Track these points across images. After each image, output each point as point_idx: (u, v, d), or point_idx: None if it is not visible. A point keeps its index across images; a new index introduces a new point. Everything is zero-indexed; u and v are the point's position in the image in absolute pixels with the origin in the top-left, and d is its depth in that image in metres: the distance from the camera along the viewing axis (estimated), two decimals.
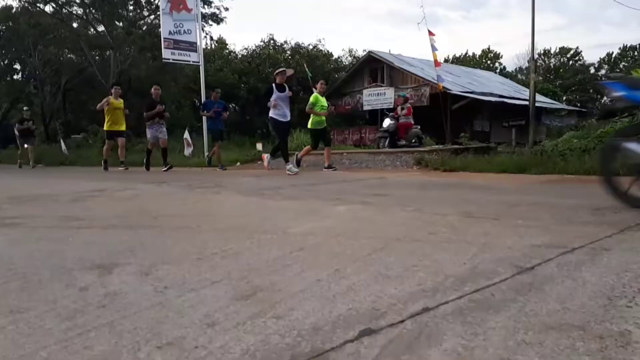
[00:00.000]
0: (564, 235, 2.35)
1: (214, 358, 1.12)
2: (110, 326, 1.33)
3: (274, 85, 8.35)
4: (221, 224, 2.92)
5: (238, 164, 11.52)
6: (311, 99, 8.86)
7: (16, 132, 14.81)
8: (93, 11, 18.59)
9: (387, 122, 13.85)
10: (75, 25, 19.34)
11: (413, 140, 13.48)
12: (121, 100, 11.09)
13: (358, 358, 1.11)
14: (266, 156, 9.37)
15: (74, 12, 19.20)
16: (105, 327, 1.32)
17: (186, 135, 14.06)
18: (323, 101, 8.96)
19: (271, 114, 8.33)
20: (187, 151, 13.51)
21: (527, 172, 6.19)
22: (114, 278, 1.80)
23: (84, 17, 19.04)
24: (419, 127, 14.10)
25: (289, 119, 8.44)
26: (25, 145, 14.21)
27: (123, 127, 11.08)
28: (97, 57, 20.19)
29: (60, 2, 18.80)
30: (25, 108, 15.30)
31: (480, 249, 2.11)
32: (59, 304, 1.52)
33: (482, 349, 1.14)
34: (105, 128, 10.92)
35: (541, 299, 1.47)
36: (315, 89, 9.08)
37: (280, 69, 8.58)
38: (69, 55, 21.55)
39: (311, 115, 8.83)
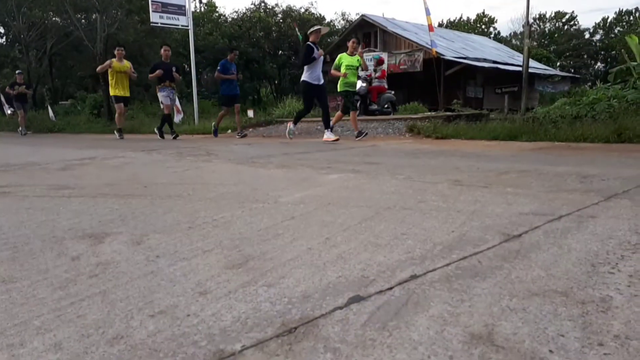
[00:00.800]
0: (551, 203, 2.38)
1: (205, 326, 1.14)
2: (103, 295, 1.34)
3: (310, 44, 7.59)
4: (212, 193, 2.93)
5: (229, 131, 11.44)
6: (336, 59, 8.10)
7: (1, 98, 14.53)
8: None
9: (358, 85, 13.17)
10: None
11: (385, 106, 12.94)
12: (126, 63, 10.27)
13: (346, 324, 1.14)
14: (290, 125, 8.45)
15: None
16: (98, 296, 1.34)
17: (176, 101, 13.87)
18: (352, 61, 7.98)
19: (304, 77, 7.67)
20: (177, 118, 13.36)
21: (519, 140, 6.22)
22: (106, 247, 1.81)
23: None
24: (392, 92, 13.64)
25: (322, 82, 7.79)
26: (16, 111, 13.95)
27: (127, 93, 10.38)
28: (83, 21, 19.66)
29: None
30: (18, 71, 14.55)
31: (468, 217, 2.13)
32: (51, 274, 1.53)
33: (467, 315, 1.17)
34: (111, 93, 10.28)
35: (527, 266, 1.50)
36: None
37: (315, 27, 7.85)
38: (54, 19, 20.96)
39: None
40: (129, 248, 1.80)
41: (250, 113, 13.76)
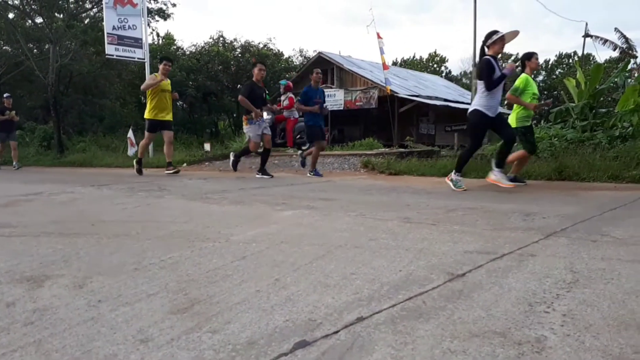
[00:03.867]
0: (495, 241, 2.47)
1: None
2: (38, 345, 1.29)
3: (490, 59, 5.08)
4: (162, 231, 2.87)
5: (185, 165, 11.30)
6: (517, 81, 5.86)
7: None
8: (31, 2, 17.67)
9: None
10: (11, 15, 18.30)
11: (298, 137, 11.42)
12: (169, 81, 8.24)
13: None
14: (454, 176, 5.31)
15: (10, 2, 18.17)
16: (32, 346, 1.28)
17: (130, 134, 13.62)
18: (534, 87, 5.84)
19: (478, 104, 5.19)
20: (131, 151, 13.09)
21: (467, 177, 6.44)
22: (45, 291, 1.74)
23: (21, 7, 18.06)
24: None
25: (499, 110, 5.37)
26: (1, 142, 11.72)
27: (170, 116, 8.23)
28: (35, 50, 19.20)
29: None
30: (6, 95, 12.30)
31: (416, 256, 2.19)
32: None
33: (409, 358, 1.20)
34: (147, 116, 8.07)
35: (469, 306, 1.55)
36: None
37: (499, 35, 5.06)
38: (4, 47, 20.39)
39: (515, 105, 5.88)
40: (69, 292, 1.74)
41: (207, 146, 13.64)
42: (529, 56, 5.85)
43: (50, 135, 16.56)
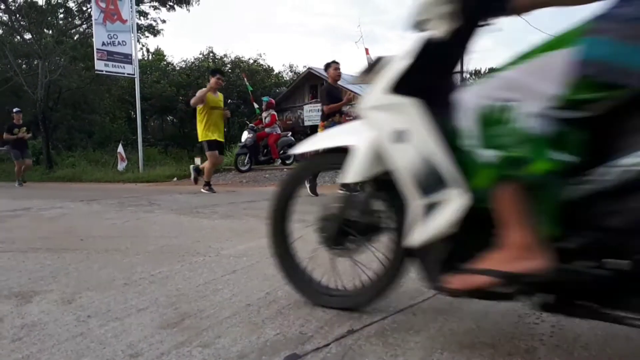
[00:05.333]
0: None
1: None
2: None
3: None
4: (152, 246, 2.86)
5: (175, 179, 11.26)
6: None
7: None
8: (20, 18, 17.67)
9: (245, 136, 11.30)
10: None
11: (281, 152, 11.29)
12: (221, 96, 7.17)
13: None
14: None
15: None
16: None
17: (120, 149, 13.57)
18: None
19: None
20: (121, 166, 13.03)
21: None
22: (33, 307, 1.73)
23: (9, 23, 18.04)
24: (289, 133, 11.98)
25: None
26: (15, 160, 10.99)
27: (222, 136, 7.20)
28: (24, 66, 19.14)
29: None
30: (15, 110, 11.48)
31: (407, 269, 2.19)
32: None
33: None
34: (202, 138, 6.97)
35: (459, 318, 1.55)
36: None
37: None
38: None
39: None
40: (58, 307, 1.72)
41: (197, 161, 13.61)
42: (328, 65, 6.41)
43: (39, 150, 16.44)
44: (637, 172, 1.00)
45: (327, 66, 6.44)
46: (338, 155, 1.57)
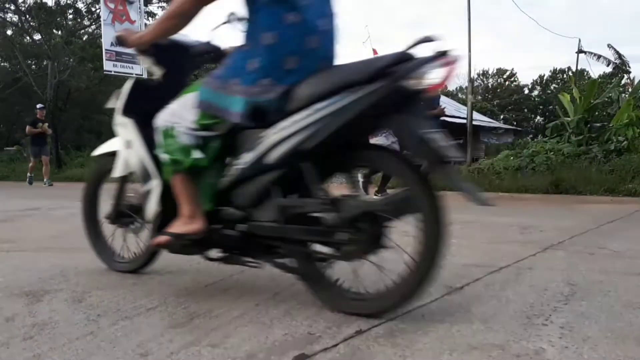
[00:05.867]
0: (493, 254, 2.48)
1: None
2: (37, 359, 1.29)
3: None
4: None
5: None
6: None
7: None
8: (29, 19, 17.82)
9: None
10: (9, 32, 18.45)
11: None
12: None
13: None
14: None
15: (9, 19, 18.34)
16: None
17: None
18: None
19: None
20: None
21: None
22: (44, 306, 1.74)
23: (19, 24, 18.21)
24: None
25: None
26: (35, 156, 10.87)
27: None
28: (33, 67, 19.31)
29: None
30: (39, 106, 11.40)
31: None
32: None
33: None
34: None
35: (467, 319, 1.55)
36: None
37: None
38: (2, 64, 20.53)
39: None
40: (69, 306, 1.74)
41: None
42: None
43: (49, 150, 16.56)
44: (242, 170, 1.64)
45: None
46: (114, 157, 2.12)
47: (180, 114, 1.70)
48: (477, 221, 3.71)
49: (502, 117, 38.53)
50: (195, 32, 1.99)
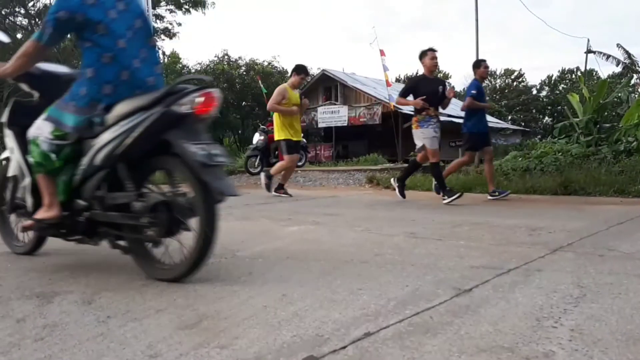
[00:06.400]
0: (501, 256, 2.47)
1: None
2: None
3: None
4: (169, 247, 2.88)
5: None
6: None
7: None
8: (39, 22, 17.99)
9: (256, 138, 11.31)
10: (19, 36, 18.64)
11: None
12: (297, 93, 6.47)
13: None
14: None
15: (19, 22, 18.51)
16: None
17: None
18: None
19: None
20: None
21: (472, 191, 6.44)
22: (54, 307, 1.76)
23: (29, 28, 18.38)
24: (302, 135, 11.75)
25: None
26: None
27: (300, 136, 6.70)
28: None
29: (3, 12, 18.14)
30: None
31: (422, 271, 2.19)
32: None
33: None
34: (278, 137, 6.37)
35: (476, 321, 1.55)
36: None
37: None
38: None
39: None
40: (79, 308, 1.75)
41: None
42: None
43: None
44: (83, 170, 2.14)
45: (423, 54, 5.66)
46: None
47: (41, 127, 2.18)
48: (485, 222, 3.69)
49: (510, 117, 38.35)
50: None
